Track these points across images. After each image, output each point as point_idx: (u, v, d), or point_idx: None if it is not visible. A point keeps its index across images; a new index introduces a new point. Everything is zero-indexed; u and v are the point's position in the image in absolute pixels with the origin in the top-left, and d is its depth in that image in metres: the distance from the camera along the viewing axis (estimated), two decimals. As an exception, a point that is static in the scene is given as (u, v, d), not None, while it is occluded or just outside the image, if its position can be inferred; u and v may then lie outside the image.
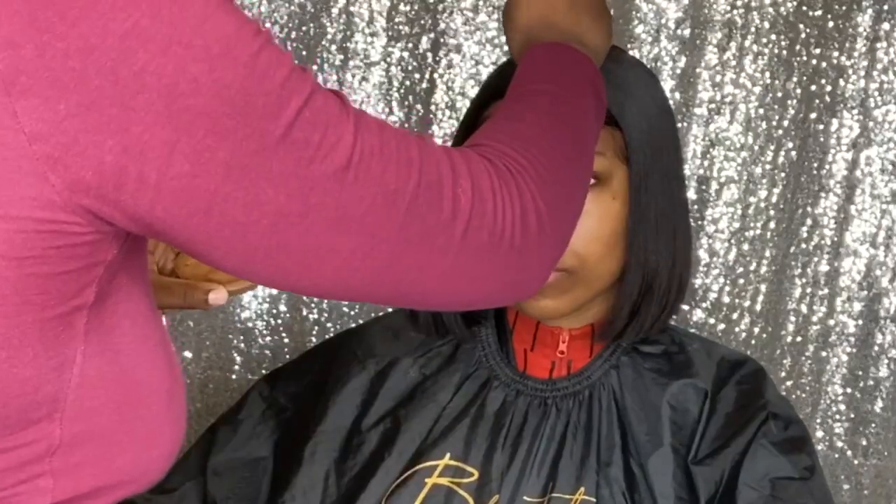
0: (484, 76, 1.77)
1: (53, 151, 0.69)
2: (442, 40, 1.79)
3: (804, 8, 1.75)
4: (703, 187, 1.80)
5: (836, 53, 1.76)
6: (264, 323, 1.83)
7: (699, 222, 1.80)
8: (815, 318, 1.82)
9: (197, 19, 0.71)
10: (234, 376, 1.84)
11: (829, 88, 1.76)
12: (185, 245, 0.76)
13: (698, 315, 1.83)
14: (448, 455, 1.20)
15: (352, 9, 1.79)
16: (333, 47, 1.79)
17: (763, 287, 1.81)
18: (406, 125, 1.81)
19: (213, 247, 0.76)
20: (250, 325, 1.83)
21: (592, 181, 1.13)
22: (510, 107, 0.97)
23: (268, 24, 1.79)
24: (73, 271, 0.74)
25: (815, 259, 1.81)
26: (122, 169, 0.70)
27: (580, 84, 1.00)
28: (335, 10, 1.79)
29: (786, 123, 1.78)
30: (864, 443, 1.84)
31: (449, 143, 1.77)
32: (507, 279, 0.88)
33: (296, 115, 0.74)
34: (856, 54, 1.76)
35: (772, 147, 1.78)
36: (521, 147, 0.90)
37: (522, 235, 0.86)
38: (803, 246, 1.81)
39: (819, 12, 1.75)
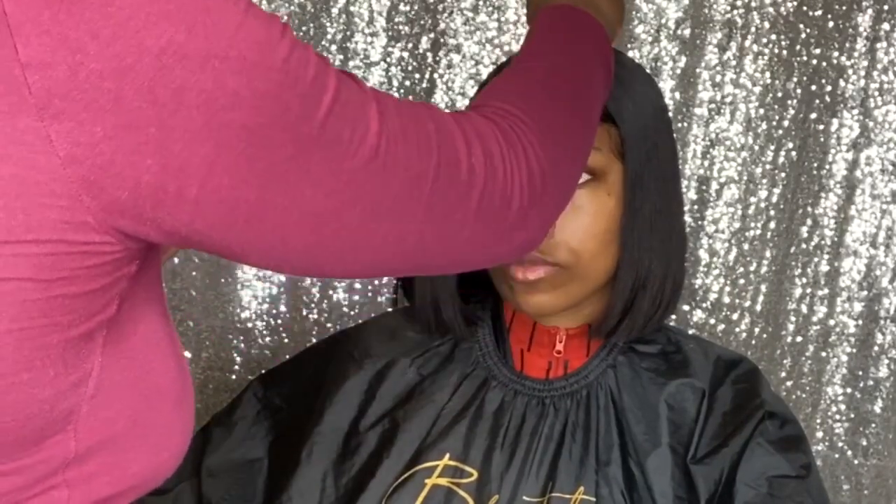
0: (484, 76, 1.77)
1: (89, 174, 0.66)
2: (442, 40, 1.79)
3: (804, 8, 1.75)
4: (703, 187, 1.80)
5: (836, 53, 1.76)
6: (264, 323, 1.83)
7: (699, 222, 1.80)
8: (815, 318, 1.81)
9: (230, 29, 0.68)
10: (234, 376, 1.84)
11: (829, 88, 1.76)
12: (222, 251, 0.75)
13: (698, 315, 1.82)
14: (447, 455, 1.19)
15: (352, 9, 1.78)
16: (333, 47, 1.79)
17: (763, 287, 1.81)
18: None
19: (251, 250, 0.75)
20: (250, 325, 1.83)
21: (588, 176, 1.13)
22: (521, 62, 0.98)
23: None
24: (99, 289, 0.72)
25: (815, 259, 1.80)
26: (161, 187, 0.68)
27: (591, 49, 1.01)
28: (335, 10, 1.78)
29: (786, 123, 1.78)
30: (864, 443, 1.84)
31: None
32: (512, 239, 0.89)
33: (328, 113, 0.73)
34: (856, 54, 1.76)
35: (772, 147, 1.78)
36: (526, 106, 0.90)
37: (530, 196, 0.87)
38: (803, 246, 1.80)
39: (819, 12, 1.75)
